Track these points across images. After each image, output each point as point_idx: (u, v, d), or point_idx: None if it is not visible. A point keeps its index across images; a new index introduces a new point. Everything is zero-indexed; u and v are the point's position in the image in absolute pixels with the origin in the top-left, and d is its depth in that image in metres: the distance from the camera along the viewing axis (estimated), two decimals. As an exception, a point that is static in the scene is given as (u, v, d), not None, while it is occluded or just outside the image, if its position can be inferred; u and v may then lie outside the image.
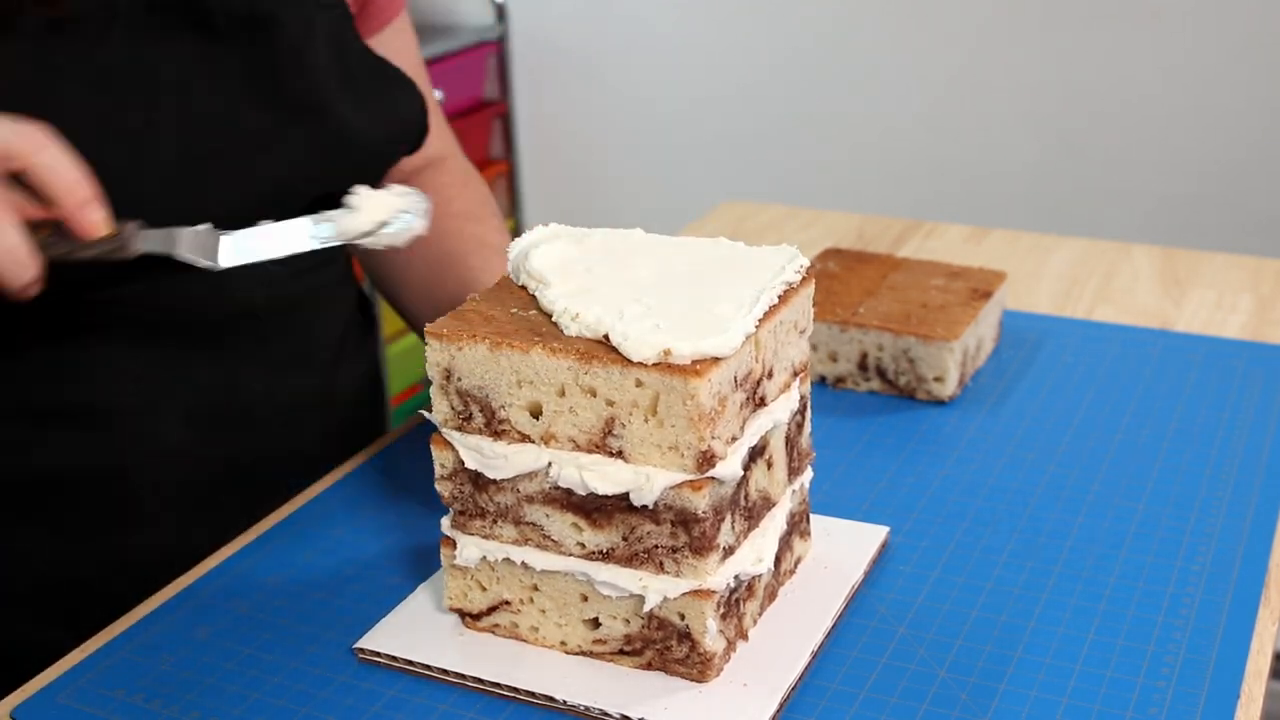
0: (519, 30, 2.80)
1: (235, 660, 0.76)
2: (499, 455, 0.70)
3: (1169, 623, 0.76)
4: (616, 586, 0.70)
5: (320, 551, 0.86)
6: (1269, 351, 1.10)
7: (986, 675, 0.72)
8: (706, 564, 0.68)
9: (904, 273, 1.11)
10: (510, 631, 0.75)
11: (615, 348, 0.66)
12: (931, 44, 2.47)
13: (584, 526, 0.70)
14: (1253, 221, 2.32)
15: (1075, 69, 2.38)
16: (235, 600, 0.81)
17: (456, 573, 0.75)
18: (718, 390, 0.66)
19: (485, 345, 0.69)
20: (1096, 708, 0.69)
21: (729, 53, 2.64)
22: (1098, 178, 2.42)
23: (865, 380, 1.05)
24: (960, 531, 0.86)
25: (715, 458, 0.67)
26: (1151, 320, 1.17)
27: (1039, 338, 1.13)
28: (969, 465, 0.94)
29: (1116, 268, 1.30)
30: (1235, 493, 0.89)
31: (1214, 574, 0.80)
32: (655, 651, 0.72)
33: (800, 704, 0.71)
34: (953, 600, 0.79)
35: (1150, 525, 0.86)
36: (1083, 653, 0.74)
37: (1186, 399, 1.02)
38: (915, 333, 1.01)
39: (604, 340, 0.67)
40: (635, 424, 0.67)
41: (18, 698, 0.74)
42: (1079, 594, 0.79)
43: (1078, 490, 0.90)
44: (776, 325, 0.72)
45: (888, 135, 2.56)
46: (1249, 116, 2.30)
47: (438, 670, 0.73)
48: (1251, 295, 1.22)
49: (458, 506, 0.74)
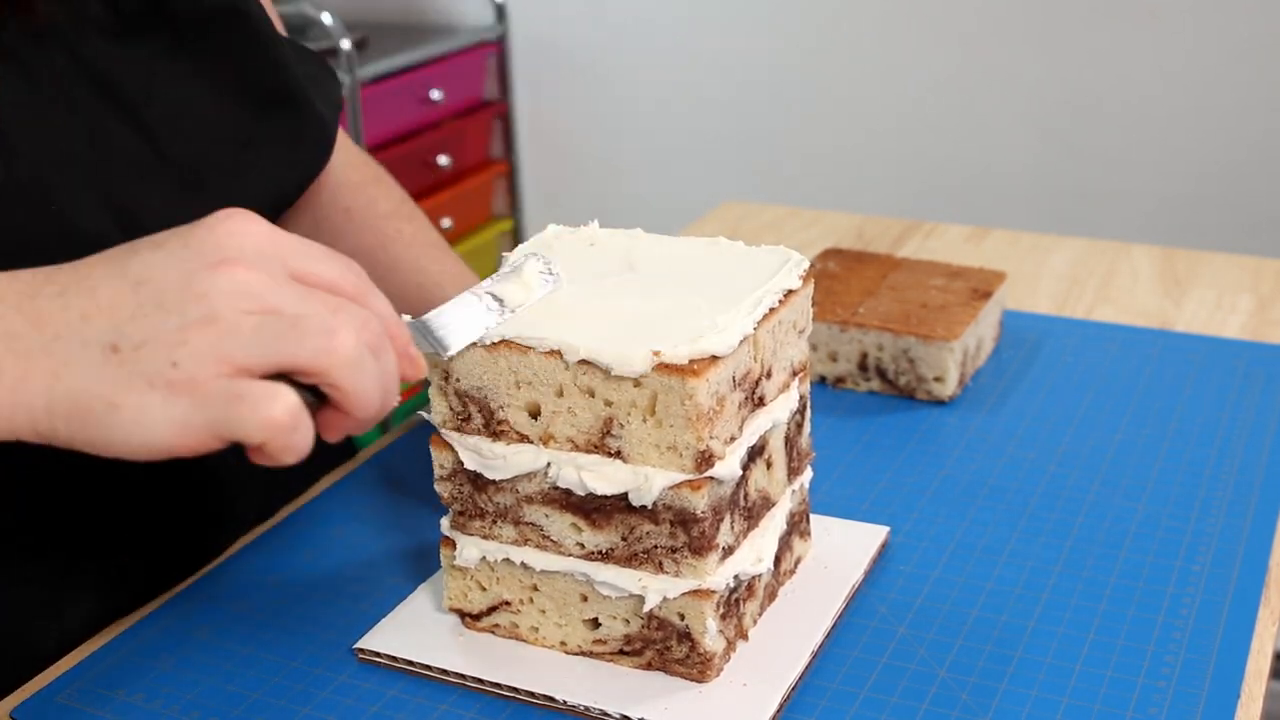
0: (519, 30, 2.80)
1: (235, 660, 0.76)
2: (498, 456, 0.70)
3: (1169, 623, 0.76)
4: (616, 587, 0.70)
5: (320, 551, 0.86)
6: (1269, 351, 1.10)
7: (987, 675, 0.72)
8: (706, 564, 0.68)
9: (904, 273, 1.11)
10: (510, 632, 0.75)
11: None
12: (932, 44, 2.47)
13: (583, 527, 0.70)
14: (1253, 221, 2.32)
15: (1075, 69, 2.38)
16: (235, 600, 0.81)
17: (456, 573, 0.75)
18: (716, 390, 0.66)
19: (483, 346, 0.69)
20: (1096, 707, 0.69)
21: (729, 53, 2.64)
22: (1097, 178, 2.42)
23: (865, 380, 1.05)
24: (960, 531, 0.86)
25: (714, 457, 0.67)
26: (1151, 320, 1.17)
27: (1039, 338, 1.13)
28: (969, 465, 0.94)
29: (1116, 268, 1.30)
30: (1235, 493, 0.89)
31: (1214, 574, 0.80)
32: (655, 651, 0.72)
33: (800, 704, 0.71)
34: (953, 600, 0.79)
35: (1150, 525, 0.86)
36: (1083, 653, 0.74)
37: (1186, 399, 1.02)
38: (915, 333, 1.01)
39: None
40: (634, 424, 0.67)
41: (17, 698, 0.74)
42: (1079, 594, 0.79)
43: (1078, 490, 0.90)
44: (775, 325, 0.72)
45: (888, 135, 2.56)
46: (1249, 116, 2.29)
47: (437, 670, 0.73)
48: (1251, 295, 1.22)
49: (457, 507, 0.74)
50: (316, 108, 0.88)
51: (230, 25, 0.84)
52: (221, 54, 0.84)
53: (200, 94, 0.83)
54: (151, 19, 0.81)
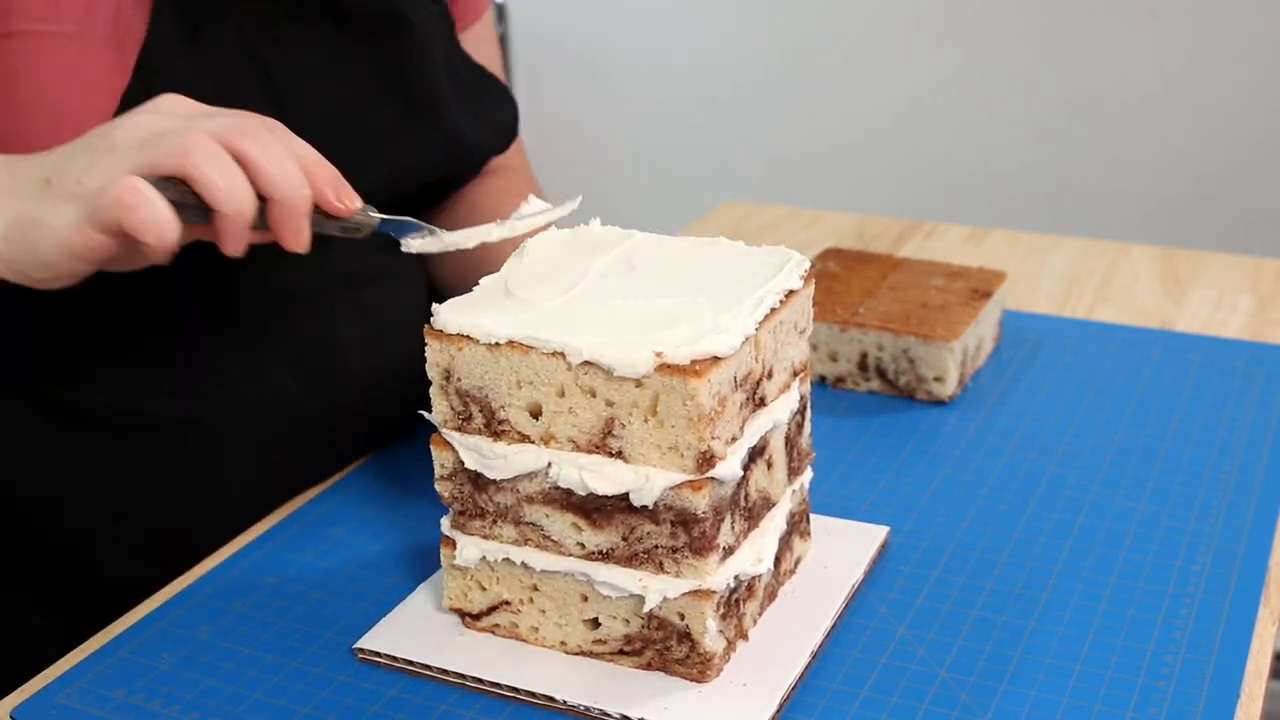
0: (519, 30, 2.80)
1: (235, 660, 0.76)
2: (499, 455, 0.70)
3: (1169, 623, 0.76)
4: (616, 587, 0.70)
5: (320, 551, 0.86)
6: (1269, 351, 1.10)
7: (986, 675, 0.72)
8: (706, 564, 0.68)
9: (904, 273, 1.11)
10: (510, 631, 0.75)
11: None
12: (932, 44, 2.47)
13: (584, 527, 0.70)
14: (1252, 221, 2.32)
15: (1075, 69, 2.38)
16: (235, 600, 0.81)
17: (456, 573, 0.75)
18: (717, 391, 0.66)
19: (485, 346, 0.69)
20: (1096, 707, 0.69)
21: (729, 53, 2.64)
22: (1097, 178, 2.42)
23: (865, 380, 1.05)
24: (960, 531, 0.86)
25: (715, 458, 0.67)
26: (1151, 320, 1.17)
27: (1039, 338, 1.13)
28: (969, 465, 0.94)
29: (1116, 268, 1.30)
30: (1235, 493, 0.89)
31: (1214, 574, 0.80)
32: (655, 651, 0.72)
33: (800, 704, 0.71)
34: (953, 600, 0.79)
35: (1150, 525, 0.86)
36: (1083, 653, 0.74)
37: (1186, 399, 1.02)
38: (915, 332, 1.01)
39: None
40: (635, 424, 0.67)
41: (17, 698, 0.74)
42: (1079, 594, 0.79)
43: (1077, 490, 0.90)
44: (776, 325, 0.72)
45: (888, 135, 2.56)
46: (1248, 116, 2.30)
47: (437, 670, 0.73)
48: (1251, 295, 1.22)
49: (457, 507, 0.74)
50: (455, 119, 0.94)
51: (388, 29, 0.91)
52: (373, 52, 0.91)
53: (342, 80, 0.89)
54: (320, 7, 0.88)
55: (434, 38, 0.95)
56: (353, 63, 0.90)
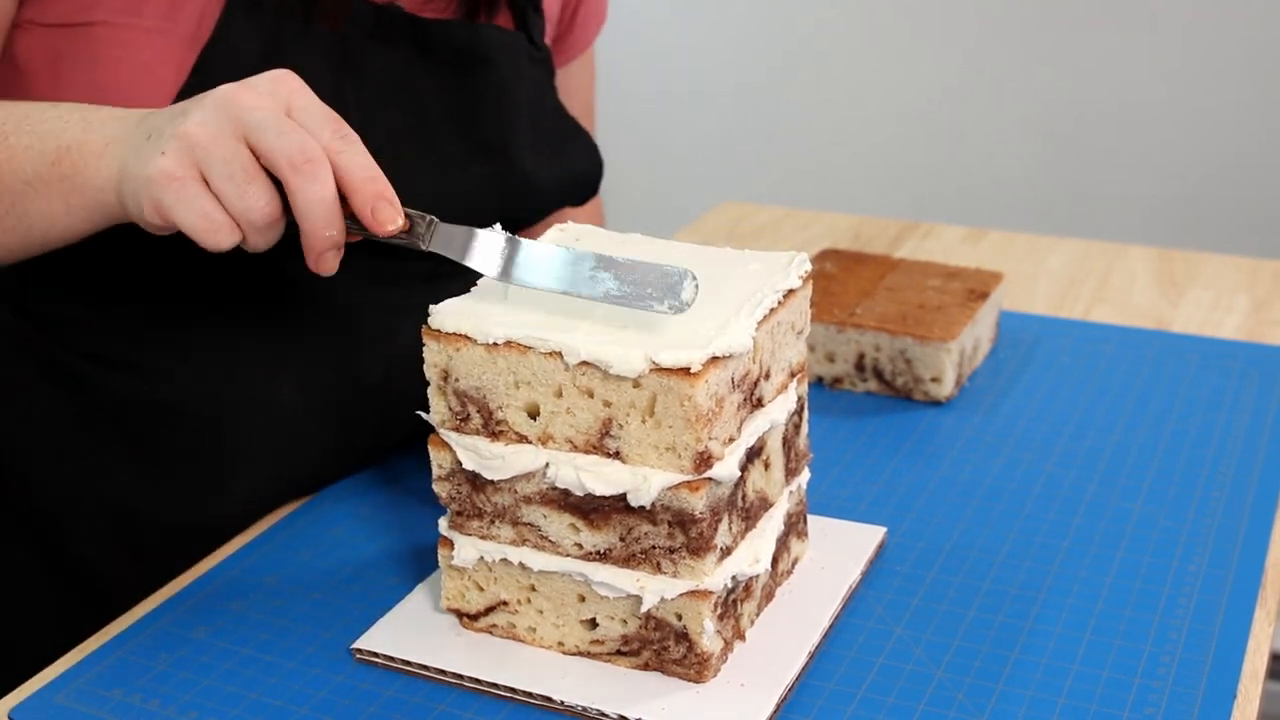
0: (517, 30, 2.80)
1: (234, 660, 0.76)
2: (496, 456, 0.70)
3: (1165, 623, 0.76)
4: (614, 587, 0.71)
5: (319, 551, 0.86)
6: (1265, 352, 1.10)
7: (983, 675, 0.72)
8: (704, 565, 0.69)
9: (901, 273, 1.12)
10: (508, 632, 0.75)
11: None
12: (929, 45, 2.47)
13: (581, 527, 0.70)
14: (1249, 222, 2.32)
15: (1072, 70, 2.38)
16: (234, 600, 0.81)
17: (454, 573, 0.76)
18: (715, 391, 0.66)
19: (483, 346, 0.69)
20: (1093, 708, 0.70)
21: (728, 53, 2.64)
22: (1094, 179, 2.43)
23: (862, 381, 1.05)
24: (957, 532, 0.86)
25: (712, 458, 0.67)
26: (1148, 321, 1.18)
27: (1036, 338, 1.13)
28: (966, 466, 0.94)
29: (1113, 268, 1.30)
30: (1231, 493, 0.89)
31: (1210, 575, 0.80)
32: (653, 652, 0.72)
33: (798, 704, 0.71)
34: (950, 600, 0.79)
35: (1147, 526, 0.86)
36: (1079, 653, 0.74)
37: (1183, 400, 1.02)
38: (912, 333, 1.01)
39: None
40: (632, 425, 0.67)
41: (16, 697, 0.74)
42: (1076, 594, 0.79)
43: (1074, 491, 0.90)
44: (774, 326, 0.72)
45: (885, 136, 2.56)
46: (1246, 117, 2.30)
47: (435, 670, 0.73)
48: (1248, 296, 1.23)
49: (455, 507, 0.74)
50: (524, 165, 0.94)
51: (469, 66, 0.92)
52: (449, 85, 0.91)
53: (408, 109, 0.89)
54: (404, 31, 0.89)
55: (520, 82, 0.95)
56: (425, 93, 0.90)
